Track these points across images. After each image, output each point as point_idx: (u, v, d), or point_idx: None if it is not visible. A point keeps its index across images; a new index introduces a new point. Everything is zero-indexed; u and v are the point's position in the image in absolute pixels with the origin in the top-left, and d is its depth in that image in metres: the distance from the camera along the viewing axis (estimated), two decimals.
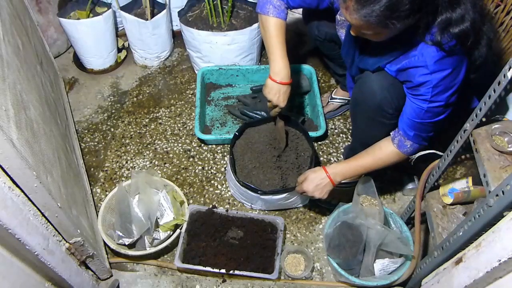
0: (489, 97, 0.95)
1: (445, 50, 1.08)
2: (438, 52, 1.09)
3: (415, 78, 1.14)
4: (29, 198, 0.93)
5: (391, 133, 1.31)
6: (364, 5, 1.00)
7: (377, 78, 1.26)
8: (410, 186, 1.69)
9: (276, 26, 1.36)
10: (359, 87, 1.34)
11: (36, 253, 0.95)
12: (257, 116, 1.83)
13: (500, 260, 0.79)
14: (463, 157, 1.17)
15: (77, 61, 2.16)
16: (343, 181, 1.39)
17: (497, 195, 0.84)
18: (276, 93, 1.40)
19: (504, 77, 0.89)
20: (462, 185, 1.22)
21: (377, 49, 1.22)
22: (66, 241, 1.14)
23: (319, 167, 1.39)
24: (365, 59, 1.29)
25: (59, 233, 1.09)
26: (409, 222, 1.49)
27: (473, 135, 1.04)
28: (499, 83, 0.91)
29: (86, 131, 1.90)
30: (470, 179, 1.21)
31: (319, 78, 2.09)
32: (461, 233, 1.00)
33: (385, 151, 1.31)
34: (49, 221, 1.03)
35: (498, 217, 0.86)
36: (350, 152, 1.62)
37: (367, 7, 1.00)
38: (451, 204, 1.26)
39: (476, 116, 1.01)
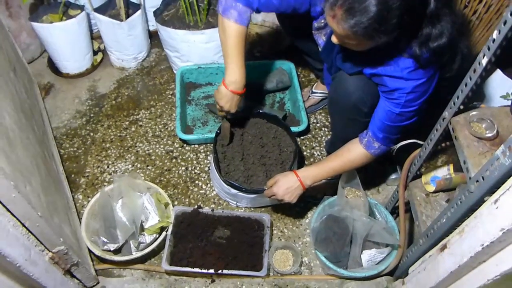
0: (466, 84, 0.97)
1: (420, 63, 1.11)
2: (413, 64, 1.12)
3: (390, 84, 1.17)
4: (7, 209, 0.91)
5: (359, 135, 1.32)
6: (354, 15, 1.00)
7: (352, 78, 1.28)
8: (393, 176, 1.71)
9: (237, 33, 1.32)
10: (335, 88, 1.36)
11: (18, 264, 0.93)
12: (238, 113, 1.82)
13: (483, 245, 0.81)
14: (443, 145, 1.19)
15: (52, 66, 2.12)
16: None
17: (477, 181, 0.86)
18: (228, 101, 1.40)
19: (479, 64, 0.90)
20: (444, 172, 1.24)
21: (356, 56, 1.22)
22: (49, 251, 1.12)
23: (290, 171, 1.39)
24: (344, 63, 1.30)
25: (41, 242, 1.07)
26: (394, 211, 1.51)
27: (452, 123, 1.05)
28: (474, 71, 0.93)
29: (64, 136, 1.87)
30: (451, 167, 1.23)
31: (298, 73, 2.10)
32: (444, 220, 1.02)
33: (353, 152, 1.33)
34: (30, 231, 1.01)
35: (479, 202, 0.87)
36: (331, 147, 1.63)
37: (356, 18, 1.00)
38: (434, 192, 1.28)
39: (454, 104, 1.03)
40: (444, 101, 1.07)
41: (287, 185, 1.36)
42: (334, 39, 1.14)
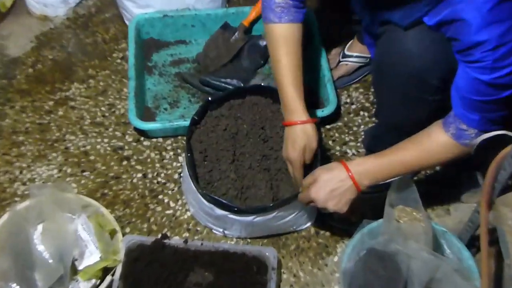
0: None
1: None
2: None
3: (465, 36, 1.16)
4: None
5: (443, 121, 1.32)
6: None
7: (413, 33, 1.28)
8: (471, 189, 1.70)
9: (282, 39, 1.42)
10: (387, 48, 1.36)
11: None
12: (228, 86, 1.83)
13: None
14: None
15: None
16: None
17: None
18: (304, 139, 1.42)
19: None
20: None
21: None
22: None
23: (337, 162, 1.39)
24: (389, 12, 1.30)
25: None
26: (473, 244, 1.51)
27: None
28: None
29: None
30: None
31: (322, 25, 2.08)
32: None
33: (436, 140, 1.32)
34: None
35: None
36: (373, 141, 1.63)
37: None
38: None
39: None
40: None
41: (332, 186, 1.35)
42: None
